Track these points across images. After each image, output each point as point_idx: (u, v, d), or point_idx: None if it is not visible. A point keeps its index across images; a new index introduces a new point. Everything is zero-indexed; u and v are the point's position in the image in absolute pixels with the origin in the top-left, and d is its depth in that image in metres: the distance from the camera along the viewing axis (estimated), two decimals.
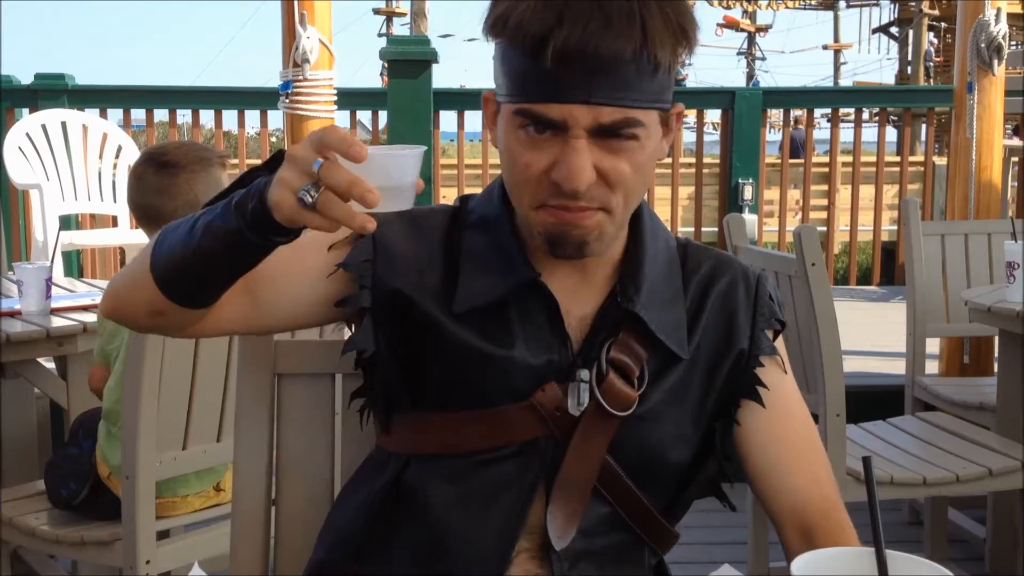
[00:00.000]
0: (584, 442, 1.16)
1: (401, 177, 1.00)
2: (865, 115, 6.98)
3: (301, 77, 3.98)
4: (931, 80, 23.93)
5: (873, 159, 6.59)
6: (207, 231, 1.08)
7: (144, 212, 2.35)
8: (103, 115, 5.79)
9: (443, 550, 1.17)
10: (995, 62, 3.91)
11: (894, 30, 29.86)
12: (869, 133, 8.21)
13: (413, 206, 1.03)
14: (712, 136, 8.65)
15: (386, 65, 5.68)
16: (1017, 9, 12.08)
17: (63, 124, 5.16)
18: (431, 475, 1.18)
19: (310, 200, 0.97)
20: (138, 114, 6.21)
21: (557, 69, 1.05)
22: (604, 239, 1.14)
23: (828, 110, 6.64)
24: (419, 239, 1.22)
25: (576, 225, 1.11)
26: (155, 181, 2.31)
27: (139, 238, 4.59)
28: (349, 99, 5.34)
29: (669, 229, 1.22)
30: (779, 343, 1.28)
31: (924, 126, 7.15)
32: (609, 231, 1.14)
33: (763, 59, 39.70)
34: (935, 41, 25.34)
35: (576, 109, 1.07)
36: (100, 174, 5.20)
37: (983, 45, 3.90)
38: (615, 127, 1.08)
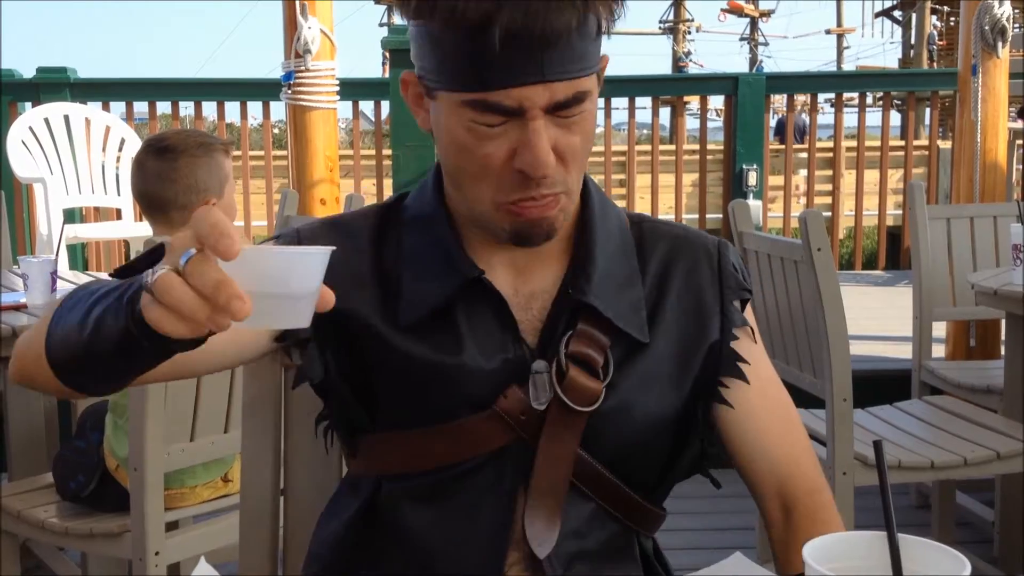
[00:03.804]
0: (553, 442, 1.11)
1: (300, 284, 0.80)
2: (869, 99, 6.96)
3: (303, 68, 3.97)
4: (934, 64, 23.85)
5: (877, 144, 6.57)
6: (98, 328, 0.89)
7: (147, 200, 2.35)
8: (106, 108, 5.80)
9: (430, 567, 1.12)
10: (999, 44, 3.90)
11: (897, 14, 29.75)
12: (873, 118, 8.20)
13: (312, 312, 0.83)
14: (716, 122, 8.63)
15: (388, 55, 5.67)
16: None
17: (66, 117, 5.16)
18: (405, 496, 1.14)
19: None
20: (140, 107, 6.21)
21: (505, 53, 0.99)
22: (567, 217, 1.12)
23: (832, 95, 6.63)
24: (352, 249, 1.16)
25: (543, 217, 1.08)
26: (156, 167, 2.31)
27: (143, 230, 4.60)
28: (351, 89, 5.34)
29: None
30: (747, 312, 1.24)
31: (928, 110, 7.12)
32: (569, 209, 1.11)
33: (766, 44, 39.61)
34: (938, 24, 25.24)
35: (531, 91, 1.02)
36: (103, 167, 5.20)
37: (987, 28, 3.89)
38: (568, 102, 1.04)
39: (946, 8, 24.23)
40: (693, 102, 10.68)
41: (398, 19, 1.14)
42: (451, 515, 1.12)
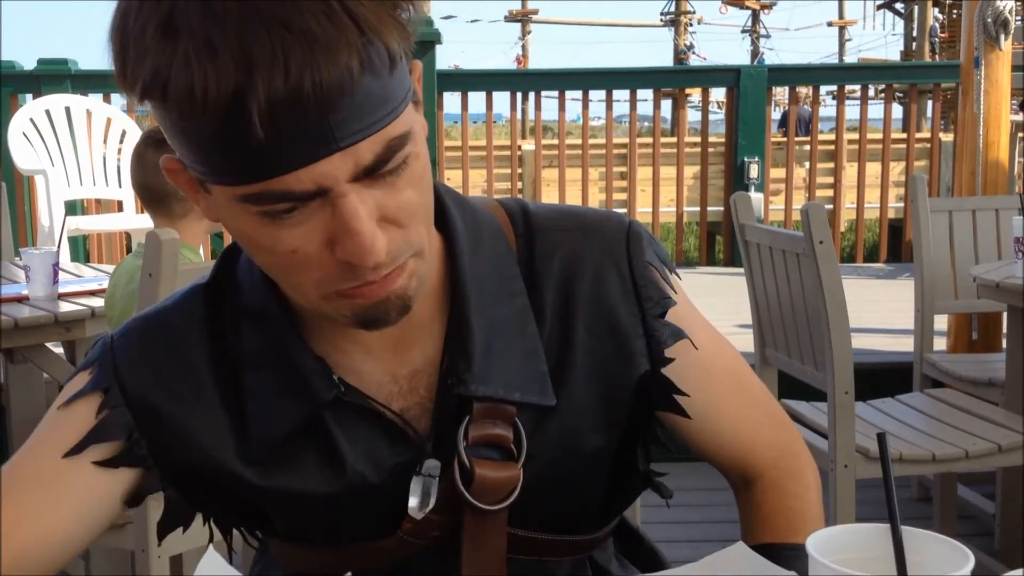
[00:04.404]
0: (477, 544, 0.96)
1: None
2: (871, 92, 6.95)
3: None
4: (936, 56, 23.84)
5: (879, 136, 6.57)
6: None
7: (147, 192, 2.35)
8: (107, 100, 5.79)
9: None
10: (1002, 37, 3.89)
11: (899, 6, 29.72)
12: (875, 110, 8.18)
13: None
14: (717, 115, 8.62)
15: None
16: None
17: (67, 109, 5.15)
18: None
19: None
20: None
21: (274, 132, 0.75)
22: (423, 279, 0.89)
23: (834, 87, 6.62)
24: (180, 366, 0.95)
25: (390, 290, 0.85)
26: (155, 159, 2.30)
27: (145, 223, 4.59)
28: None
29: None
30: (676, 313, 1.02)
31: (930, 102, 7.12)
32: (424, 270, 0.88)
33: (767, 37, 39.57)
34: (940, 17, 25.20)
35: (326, 165, 0.78)
36: (105, 159, 5.20)
37: (990, 20, 3.88)
38: (383, 158, 0.80)
39: (948, 0, 24.19)
40: (695, 94, 10.67)
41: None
42: None
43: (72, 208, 5.40)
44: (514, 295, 0.98)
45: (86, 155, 5.15)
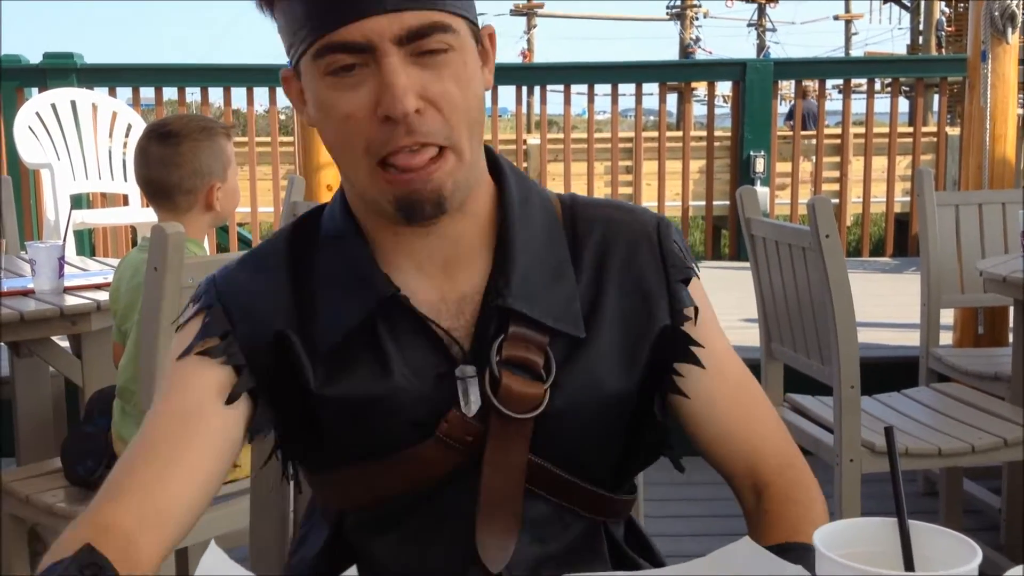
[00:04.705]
0: (498, 455, 1.06)
1: None
2: (877, 86, 6.93)
3: None
4: (943, 50, 23.75)
5: (886, 130, 6.55)
6: None
7: (151, 186, 2.35)
8: (112, 94, 5.79)
9: None
10: (1009, 30, 3.88)
11: (905, 0, 29.62)
12: (881, 104, 8.16)
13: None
14: (723, 109, 8.61)
15: None
16: None
17: (73, 103, 5.15)
18: (367, 526, 1.11)
19: None
20: (147, 92, 6.21)
21: None
22: (460, 187, 1.03)
23: (840, 81, 6.60)
24: (270, 288, 1.11)
25: (427, 180, 1.00)
26: (159, 153, 2.31)
27: (150, 216, 4.59)
28: None
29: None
30: (695, 288, 1.16)
31: (937, 96, 7.10)
32: (462, 177, 1.03)
33: (773, 30, 39.49)
34: (947, 10, 25.11)
35: (374, 22, 0.97)
36: (110, 153, 5.20)
37: (997, 13, 3.87)
38: (423, 31, 0.98)
39: None
40: (700, 88, 10.66)
41: None
42: (411, 542, 1.09)
43: (78, 202, 5.41)
44: (556, 248, 1.11)
45: (91, 149, 5.15)
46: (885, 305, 4.92)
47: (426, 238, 1.07)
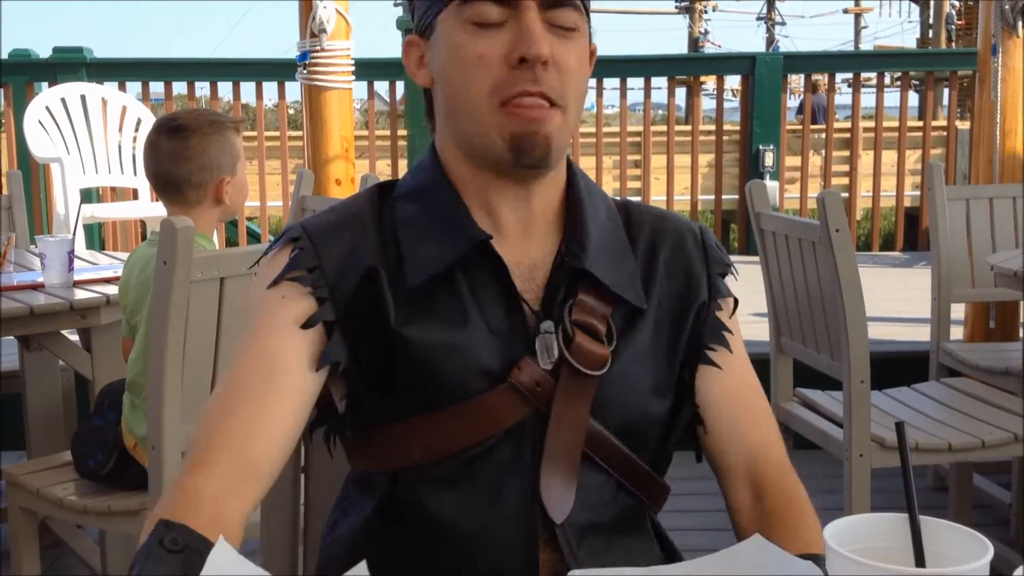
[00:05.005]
0: (565, 408, 1.12)
1: None
2: (887, 79, 6.91)
3: (318, 48, 3.95)
4: (953, 43, 23.67)
5: (895, 124, 6.53)
6: None
7: (162, 180, 2.35)
8: (122, 88, 5.80)
9: (462, 558, 1.11)
10: (1020, 24, 3.85)
11: None
12: (891, 98, 8.14)
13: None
14: (732, 102, 8.58)
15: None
16: None
17: (82, 97, 5.16)
18: (425, 485, 1.12)
19: None
20: (157, 87, 6.21)
21: None
22: (561, 147, 1.13)
23: (850, 75, 6.58)
24: (355, 224, 1.16)
25: (541, 123, 1.10)
26: (168, 147, 2.31)
27: (160, 211, 4.61)
28: (366, 69, 5.33)
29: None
30: (729, 283, 1.27)
31: (947, 90, 7.07)
32: (564, 139, 1.13)
33: (783, 24, 39.34)
34: (957, 4, 25.00)
35: None
36: (120, 147, 5.21)
37: (1007, 7, 3.85)
38: (563, 1, 1.10)
39: None
40: (709, 82, 10.64)
41: None
42: (475, 498, 1.11)
43: (87, 196, 5.41)
44: (618, 233, 1.20)
45: (101, 143, 5.16)
46: (895, 299, 4.91)
47: (513, 199, 1.15)
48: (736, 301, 1.26)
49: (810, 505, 1.19)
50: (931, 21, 26.77)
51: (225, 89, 6.19)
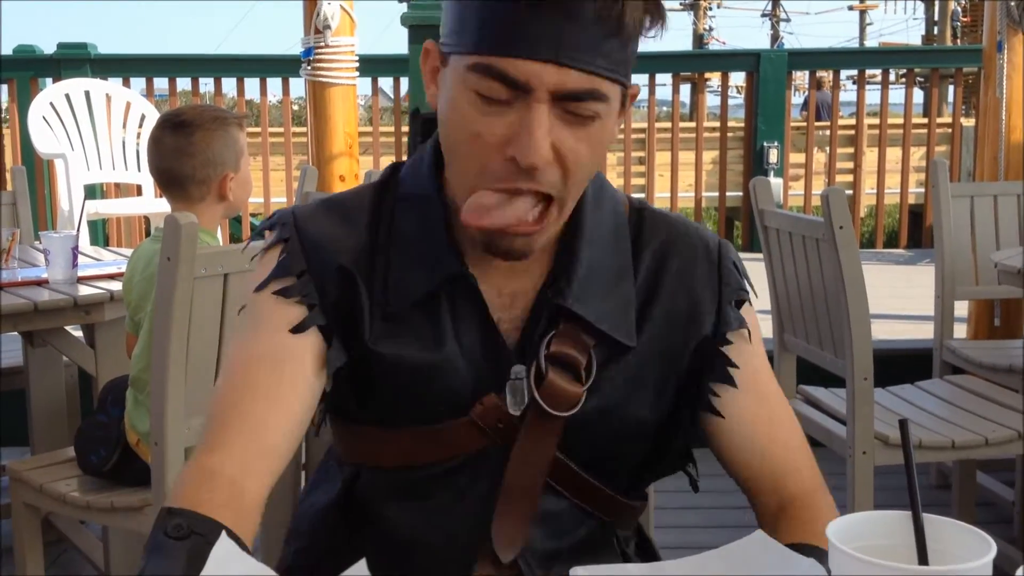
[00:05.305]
0: (528, 447, 1.09)
1: None
2: (891, 76, 6.90)
3: (323, 44, 3.96)
4: (958, 40, 23.64)
5: (900, 121, 6.52)
6: None
7: (164, 176, 2.35)
8: (126, 84, 5.81)
9: (405, 560, 1.12)
10: None
11: None
12: (896, 95, 8.12)
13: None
14: (736, 99, 8.58)
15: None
16: None
17: (86, 93, 5.17)
18: (383, 488, 1.13)
19: None
20: (161, 83, 6.22)
21: (524, 19, 0.95)
22: (548, 234, 1.06)
23: (854, 72, 6.57)
24: (348, 227, 1.12)
25: (523, 238, 1.03)
26: (172, 142, 2.31)
27: (164, 207, 4.61)
28: (371, 66, 5.33)
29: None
30: (746, 311, 1.17)
31: (952, 87, 7.07)
32: (554, 228, 1.06)
33: (788, 20, 39.31)
34: (962, 0, 24.97)
35: (541, 68, 0.96)
36: (124, 143, 5.21)
37: (1013, 3, 3.84)
38: (580, 95, 0.98)
39: None
40: (714, 79, 10.63)
41: None
42: (426, 513, 1.11)
43: (92, 192, 5.42)
44: (620, 247, 1.13)
45: (105, 139, 5.16)
46: (899, 297, 4.90)
47: None
48: (749, 331, 1.16)
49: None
50: (936, 18, 26.74)
51: (229, 85, 6.21)
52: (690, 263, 1.15)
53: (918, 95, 14.70)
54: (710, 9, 37.37)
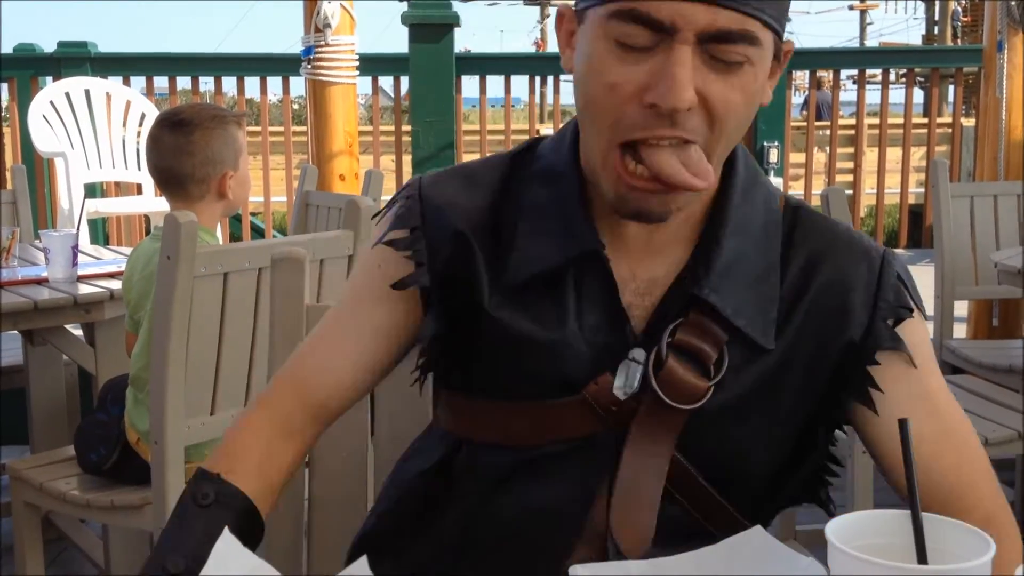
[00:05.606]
0: (644, 439, 1.00)
1: None
2: (892, 76, 6.90)
3: (323, 42, 3.96)
4: (958, 40, 23.64)
5: (900, 121, 6.52)
6: None
7: (164, 175, 2.35)
8: (126, 83, 5.80)
9: (500, 539, 1.05)
10: None
11: None
12: (896, 95, 8.12)
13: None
14: None
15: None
16: None
17: (87, 92, 5.17)
18: (480, 465, 1.06)
19: None
20: (161, 82, 6.21)
21: None
22: (690, 199, 0.98)
23: (854, 71, 6.57)
24: (472, 195, 1.07)
25: (663, 200, 0.96)
26: (171, 141, 2.31)
27: (164, 205, 4.62)
28: (371, 64, 5.32)
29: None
30: (911, 331, 1.05)
31: (952, 87, 7.07)
32: (697, 193, 0.98)
33: (788, 20, 39.27)
34: (963, 0, 24.97)
35: (689, 7, 0.89)
36: (124, 142, 5.21)
37: (1013, 3, 3.84)
38: (731, 36, 0.90)
39: None
40: None
41: None
42: (525, 498, 1.03)
43: (91, 191, 5.42)
44: (769, 246, 1.03)
45: (105, 138, 5.16)
46: None
47: None
48: (908, 353, 1.03)
49: (1013, 549, 1.00)
50: (936, 18, 26.73)
51: (229, 84, 6.20)
52: (846, 271, 1.04)
53: (918, 95, 14.70)
54: None
